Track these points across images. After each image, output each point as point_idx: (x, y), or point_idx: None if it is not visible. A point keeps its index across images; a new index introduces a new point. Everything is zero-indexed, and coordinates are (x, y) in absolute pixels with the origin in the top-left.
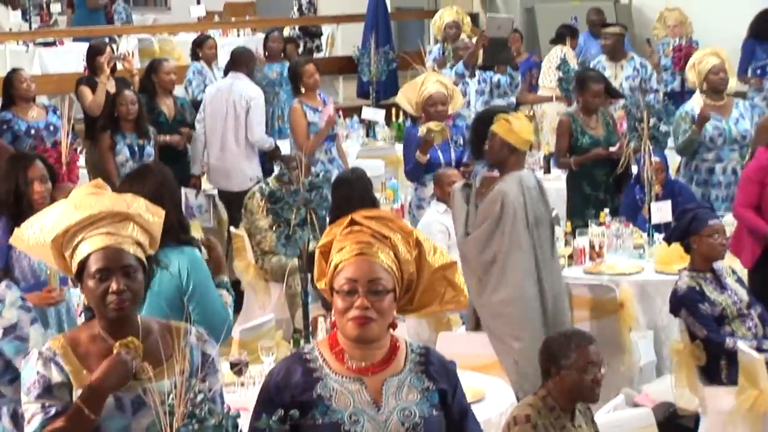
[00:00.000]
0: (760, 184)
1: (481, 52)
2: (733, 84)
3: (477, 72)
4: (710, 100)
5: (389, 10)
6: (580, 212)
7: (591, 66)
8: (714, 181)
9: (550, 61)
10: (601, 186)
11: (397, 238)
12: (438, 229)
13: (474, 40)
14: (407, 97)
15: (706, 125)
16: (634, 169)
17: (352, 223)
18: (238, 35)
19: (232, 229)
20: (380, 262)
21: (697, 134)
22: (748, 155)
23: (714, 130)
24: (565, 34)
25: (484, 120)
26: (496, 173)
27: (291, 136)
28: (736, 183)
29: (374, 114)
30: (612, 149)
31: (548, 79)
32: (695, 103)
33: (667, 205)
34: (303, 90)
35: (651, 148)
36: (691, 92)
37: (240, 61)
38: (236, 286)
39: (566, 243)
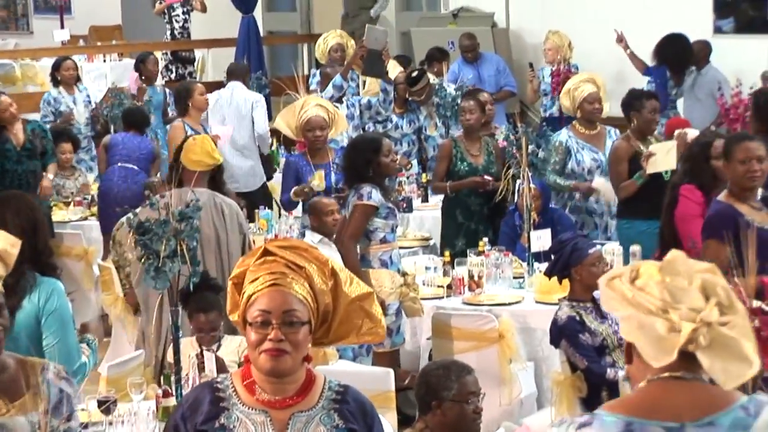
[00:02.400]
0: (701, 217)
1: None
2: (608, 110)
3: (344, 98)
4: (583, 128)
5: (261, 34)
6: (452, 242)
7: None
8: (589, 208)
9: None
10: (474, 216)
11: (312, 268)
12: None
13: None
14: (286, 120)
15: (583, 156)
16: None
17: (266, 253)
18: (105, 60)
19: (99, 261)
20: (295, 293)
21: (581, 199)
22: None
23: (592, 162)
24: (436, 56)
25: (357, 146)
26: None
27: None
28: (609, 213)
29: None
30: (488, 178)
31: None
32: (568, 133)
33: (546, 233)
34: (190, 110)
35: (530, 175)
36: (570, 118)
37: (237, 73)
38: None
39: (445, 273)
